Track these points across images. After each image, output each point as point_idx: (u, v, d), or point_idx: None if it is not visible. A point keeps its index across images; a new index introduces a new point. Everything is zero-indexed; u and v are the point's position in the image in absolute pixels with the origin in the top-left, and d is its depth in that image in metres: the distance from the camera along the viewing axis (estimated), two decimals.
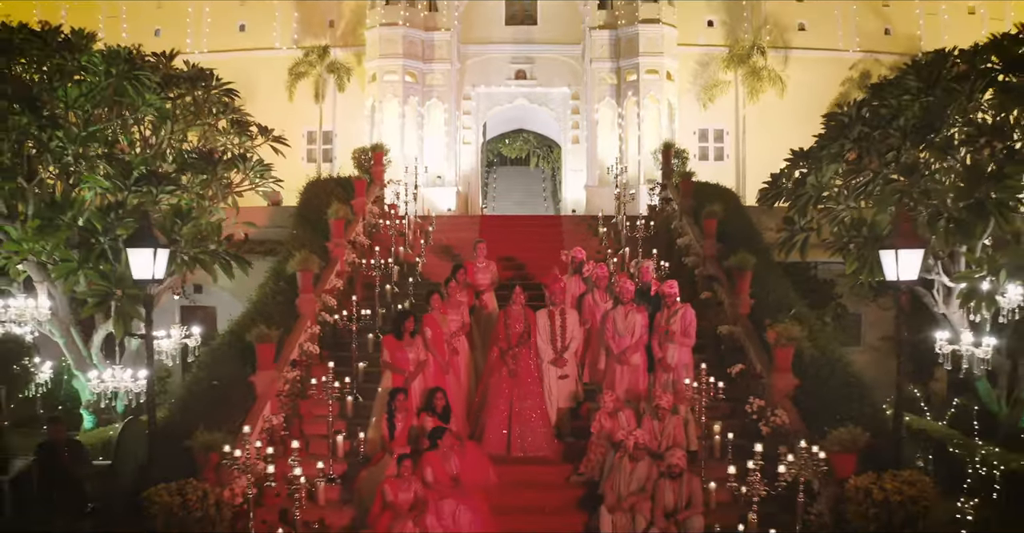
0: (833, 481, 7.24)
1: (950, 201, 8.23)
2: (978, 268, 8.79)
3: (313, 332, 10.36)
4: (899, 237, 7.04)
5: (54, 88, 9.87)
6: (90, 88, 10.16)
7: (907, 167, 8.56)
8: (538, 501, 8.53)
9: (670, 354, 9.06)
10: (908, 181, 8.51)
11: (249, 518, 7.11)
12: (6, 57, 10.15)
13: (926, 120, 8.62)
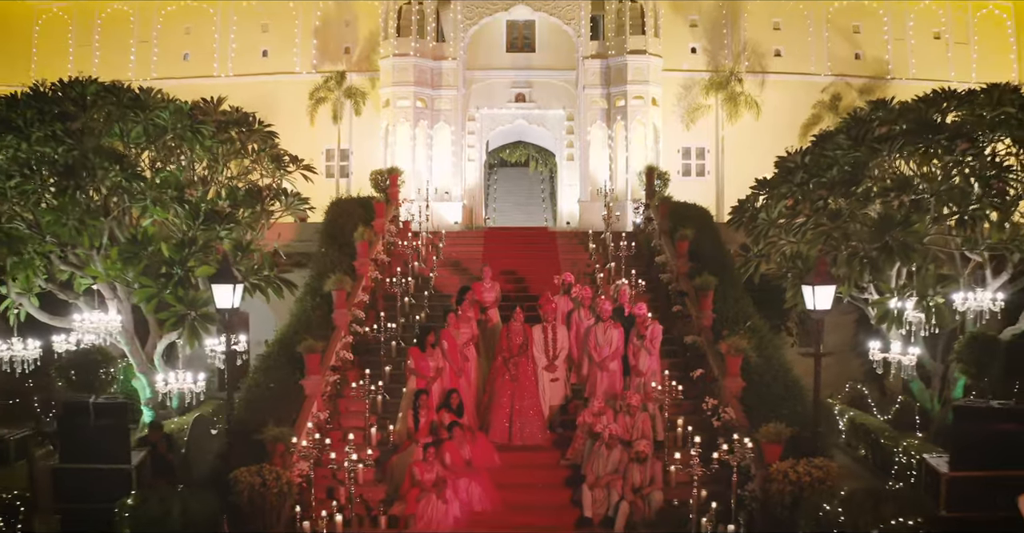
0: (763, 465, 9.31)
1: (865, 243, 10.25)
2: (888, 295, 10.81)
3: (347, 341, 12.42)
4: (816, 276, 9.08)
5: (129, 140, 11.82)
6: (156, 136, 12.13)
7: (833, 213, 10.57)
8: (533, 479, 10.63)
9: (641, 362, 11.12)
10: (833, 225, 10.52)
11: (311, 494, 9.17)
12: (85, 113, 12.07)
13: (852, 173, 10.61)
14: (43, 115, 11.90)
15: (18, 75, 24.54)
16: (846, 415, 14.35)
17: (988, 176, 9.93)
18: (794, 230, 11.05)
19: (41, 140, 11.09)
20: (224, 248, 11.01)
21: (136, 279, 11.19)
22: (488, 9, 21.55)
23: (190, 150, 12.53)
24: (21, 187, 10.62)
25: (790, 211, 11.15)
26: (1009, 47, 24.34)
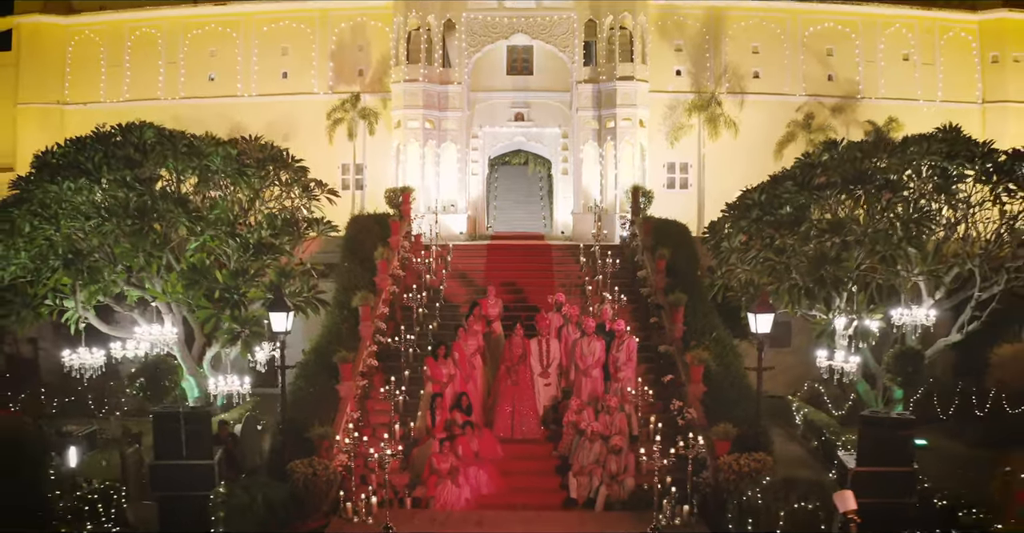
0: (714, 458, 11.53)
1: (804, 276, 12.41)
2: (823, 318, 13.03)
3: (372, 350, 14.61)
4: (759, 305, 11.26)
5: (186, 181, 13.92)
6: (209, 178, 14.24)
7: (778, 249, 12.68)
8: (530, 467, 12.86)
9: (619, 370, 13.32)
10: (778, 259, 12.65)
11: (350, 481, 11.40)
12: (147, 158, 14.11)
13: (796, 215, 12.74)
14: (109, 159, 13.99)
15: (53, 93, 26.69)
16: (802, 411, 16.58)
17: (909, 221, 12.06)
18: (748, 261, 13.18)
19: (113, 185, 13.16)
20: (271, 275, 13.16)
21: (197, 301, 13.38)
22: (490, 37, 23.55)
23: (235, 186, 14.60)
24: (101, 228, 12.74)
25: (744, 245, 13.28)
26: (973, 67, 26.31)
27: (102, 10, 26.23)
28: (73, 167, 13.83)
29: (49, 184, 13.25)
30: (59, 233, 12.87)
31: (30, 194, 13.49)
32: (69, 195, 13.01)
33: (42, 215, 12.90)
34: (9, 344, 22.03)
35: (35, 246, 12.98)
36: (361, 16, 25.00)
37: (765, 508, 9.25)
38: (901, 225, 12.09)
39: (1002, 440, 16.76)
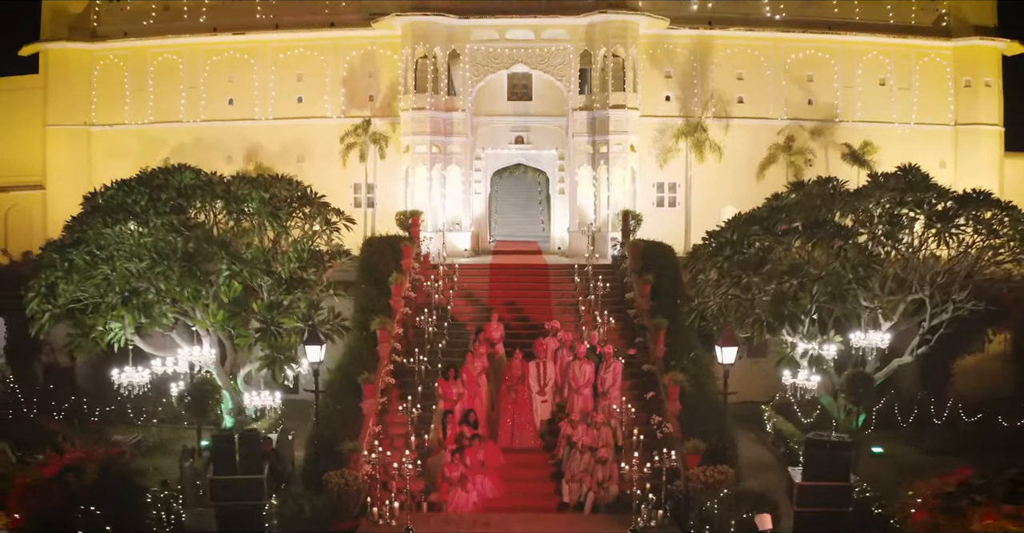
0: (686, 469, 13.44)
1: (766, 312, 14.29)
2: (783, 347, 14.99)
3: (388, 369, 16.49)
4: (723, 339, 13.13)
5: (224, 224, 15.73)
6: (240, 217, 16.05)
7: (744, 287, 14.55)
8: (528, 474, 14.78)
9: (607, 389, 15.22)
10: (744, 296, 14.50)
11: (375, 488, 13.32)
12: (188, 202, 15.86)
13: (761, 257, 14.58)
14: (154, 202, 15.74)
15: (80, 115, 28.37)
16: (772, 421, 18.51)
17: (858, 264, 13.94)
18: (719, 296, 15.04)
19: (161, 228, 14.96)
20: (301, 307, 15.03)
21: (237, 330, 15.23)
22: (492, 67, 25.28)
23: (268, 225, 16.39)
24: (154, 269, 14.56)
25: (716, 281, 15.15)
26: (947, 90, 28.02)
27: (125, 37, 27.82)
28: (122, 210, 15.61)
29: (103, 227, 15.06)
30: (115, 272, 14.70)
31: (85, 235, 15.30)
32: (122, 238, 14.82)
33: (99, 256, 14.73)
34: (47, 354, 23.86)
35: (92, 283, 14.82)
36: (371, 45, 26.69)
37: (720, 517, 11.15)
38: (851, 268, 13.94)
39: (955, 447, 18.79)
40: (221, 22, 27.17)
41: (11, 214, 29.08)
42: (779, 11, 26.88)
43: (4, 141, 29.27)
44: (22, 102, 28.89)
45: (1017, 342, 23.77)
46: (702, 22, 26.39)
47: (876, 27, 27.21)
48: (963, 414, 20.56)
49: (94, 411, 20.54)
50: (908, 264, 15.51)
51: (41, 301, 15.20)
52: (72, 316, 15.52)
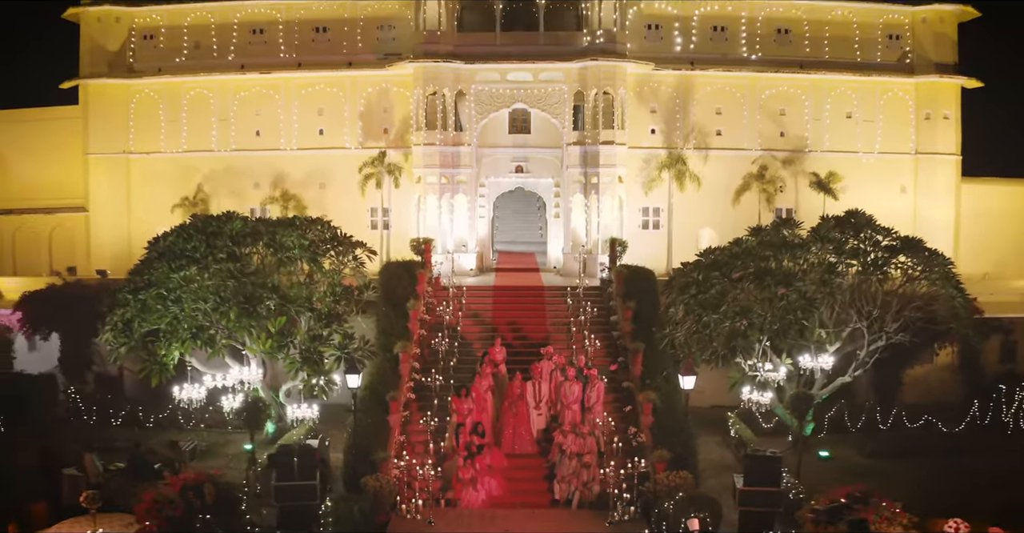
0: (654, 473, 16.46)
1: (721, 346, 17.30)
2: (737, 373, 18.04)
3: (409, 385, 19.49)
4: (684, 369, 16.14)
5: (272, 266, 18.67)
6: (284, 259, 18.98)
7: (704, 324, 17.54)
8: (526, 475, 17.85)
9: (591, 405, 18.25)
10: (704, 333, 17.49)
11: (403, 488, 16.36)
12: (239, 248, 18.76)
13: (719, 298, 17.55)
14: (211, 249, 18.61)
15: (118, 144, 31.15)
16: (735, 427, 21.54)
17: (797, 308, 16.94)
18: (684, 331, 18.04)
19: (219, 273, 17.83)
20: (338, 338, 18.00)
21: (285, 358, 18.25)
22: (495, 106, 28.11)
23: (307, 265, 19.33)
24: (218, 309, 17.51)
25: (682, 318, 18.15)
26: (909, 122, 30.83)
27: (160, 73, 30.55)
28: (184, 256, 18.51)
29: (169, 271, 17.96)
30: (184, 312, 17.64)
31: (154, 278, 18.20)
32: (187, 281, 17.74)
33: (168, 298, 17.68)
34: (98, 364, 26.78)
35: (164, 321, 17.77)
36: (385, 83, 29.47)
37: (674, 515, 14.17)
38: (791, 310, 16.93)
39: (895, 451, 21.84)
40: (248, 60, 29.94)
41: (55, 234, 32.00)
42: (755, 51, 29.63)
43: (47, 166, 32.11)
44: (63, 131, 31.68)
45: (963, 353, 26.77)
46: (684, 62, 29.17)
47: (844, 65, 29.97)
48: (906, 420, 23.65)
49: (148, 418, 23.54)
50: (846, 301, 18.45)
51: (118, 335, 18.16)
52: (144, 347, 18.51)
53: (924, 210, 30.40)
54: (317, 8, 29.57)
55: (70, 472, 17.86)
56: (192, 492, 12.42)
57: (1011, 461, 20.85)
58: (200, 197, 29.93)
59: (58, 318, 26.23)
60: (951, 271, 19.37)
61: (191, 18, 30.29)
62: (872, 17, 30.07)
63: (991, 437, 23.33)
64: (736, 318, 17.04)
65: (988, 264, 30.98)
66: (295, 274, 19.11)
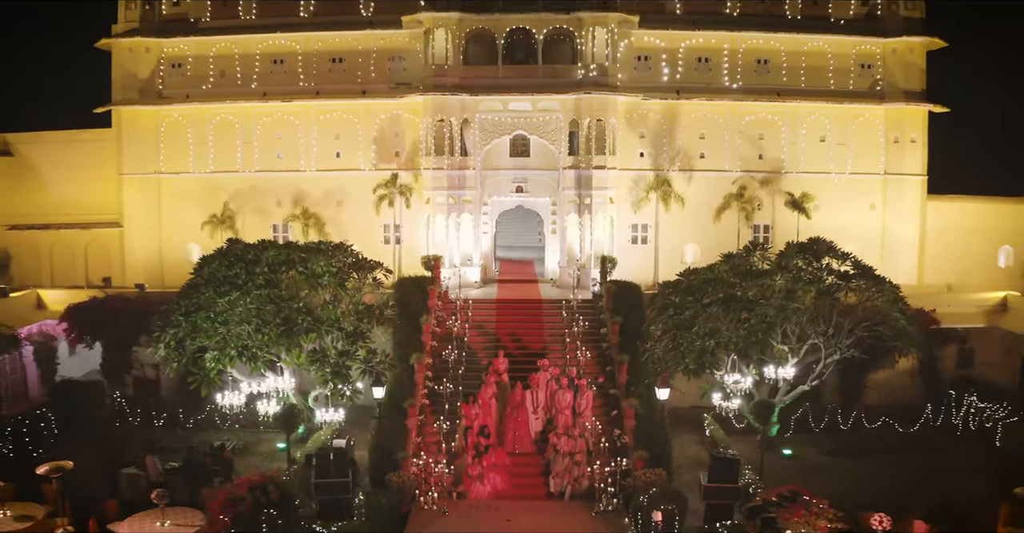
0: (634, 470, 19.23)
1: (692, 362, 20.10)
2: (707, 384, 20.84)
3: (424, 392, 22.26)
4: (660, 382, 18.89)
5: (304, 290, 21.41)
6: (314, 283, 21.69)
7: (678, 343, 20.29)
8: (525, 471, 20.67)
9: (581, 411, 21.03)
10: (678, 351, 20.27)
11: (421, 484, 19.15)
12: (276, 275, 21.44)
13: (691, 321, 20.30)
14: (251, 276, 21.28)
15: (150, 165, 33.71)
16: (710, 427, 24.32)
17: (757, 330, 19.66)
18: (661, 347, 20.83)
19: (259, 298, 20.49)
20: (363, 354, 20.73)
21: (317, 371, 20.98)
22: (497, 133, 30.74)
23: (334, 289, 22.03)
24: (260, 330, 20.24)
25: (660, 336, 20.93)
26: (879, 145, 33.36)
27: (188, 99, 33.05)
28: (227, 282, 21.20)
29: (216, 296, 20.66)
30: (230, 333, 20.36)
31: (202, 302, 20.88)
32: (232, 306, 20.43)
33: (216, 320, 20.39)
34: (136, 369, 29.49)
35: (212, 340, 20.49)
36: (397, 110, 32.05)
37: (647, 507, 16.94)
38: (753, 332, 19.70)
39: (853, 450, 24.62)
40: (270, 88, 32.48)
41: (90, 247, 34.54)
42: (736, 81, 32.19)
43: (82, 185, 34.62)
44: (98, 152, 34.17)
45: (922, 360, 29.50)
46: (671, 91, 31.74)
47: (819, 93, 32.49)
48: (865, 421, 26.42)
49: (188, 420, 26.25)
50: (803, 322, 21.14)
51: (171, 352, 20.88)
52: (193, 362, 21.23)
53: (892, 226, 33.06)
54: (333, 40, 32.06)
55: (130, 471, 20.69)
56: (259, 490, 15.15)
57: (953, 460, 23.71)
58: (227, 214, 32.54)
59: (101, 328, 28.89)
60: (898, 295, 22.10)
61: (216, 49, 32.80)
62: (845, 48, 32.56)
63: (941, 437, 26.19)
64: (706, 338, 19.81)
65: (952, 275, 33.65)
66: (323, 294, 21.79)
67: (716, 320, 19.95)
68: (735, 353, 20.34)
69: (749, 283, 20.77)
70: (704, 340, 19.83)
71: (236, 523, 14.64)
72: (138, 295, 30.17)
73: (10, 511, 17.48)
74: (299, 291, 21.62)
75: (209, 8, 32.81)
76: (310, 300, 21.48)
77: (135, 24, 32.84)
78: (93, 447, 22.60)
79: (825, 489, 19.66)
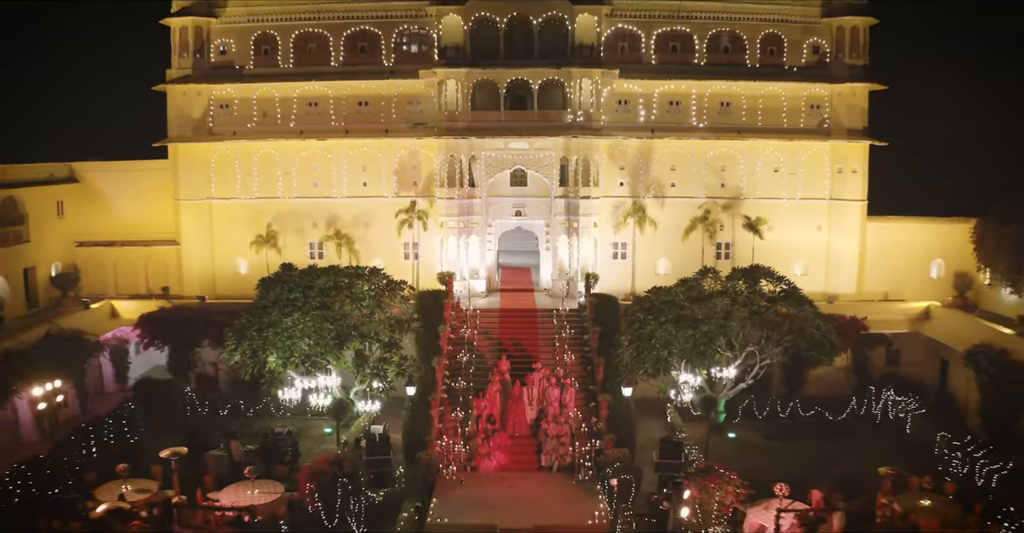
0: (606, 449, 25.13)
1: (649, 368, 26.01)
2: (662, 384, 26.77)
3: (443, 388, 28.13)
4: (624, 382, 24.84)
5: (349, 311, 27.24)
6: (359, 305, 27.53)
7: (639, 352, 26.13)
8: (522, 450, 26.65)
9: (567, 403, 26.95)
10: (640, 359, 26.17)
11: (443, 460, 25.10)
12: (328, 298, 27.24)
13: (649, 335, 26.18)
14: (308, 299, 27.05)
15: (202, 192, 39.35)
16: (670, 414, 30.22)
17: (700, 343, 25.51)
18: (627, 355, 26.72)
19: (316, 318, 26.23)
20: (396, 359, 26.57)
21: (360, 373, 26.80)
22: (499, 168, 36.43)
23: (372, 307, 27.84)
24: (318, 344, 26.02)
25: (627, 347, 26.83)
26: (825, 174, 38.90)
27: (234, 136, 38.54)
28: (289, 304, 26.95)
29: (282, 316, 26.43)
30: (295, 345, 26.15)
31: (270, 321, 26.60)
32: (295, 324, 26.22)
33: (282, 336, 26.17)
34: (198, 367, 35.36)
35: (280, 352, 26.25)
36: (414, 146, 37.69)
37: (610, 477, 22.87)
38: (696, 345, 25.61)
39: (788, 434, 30.56)
40: (306, 127, 38.08)
41: (149, 261, 40.06)
42: (702, 121, 37.79)
43: (143, 207, 40.15)
44: (156, 180, 39.67)
45: (855, 358, 35.39)
46: (647, 131, 37.34)
47: (773, 130, 38.05)
48: (801, 410, 32.30)
49: (248, 410, 32.13)
50: (740, 335, 26.91)
51: (246, 360, 26.65)
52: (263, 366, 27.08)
53: (836, 244, 38.77)
54: (360, 87, 37.58)
55: (215, 453, 26.55)
56: (336, 465, 21.01)
57: (866, 444, 29.62)
58: (270, 234, 38.22)
59: (168, 333, 34.75)
60: (816, 312, 27.90)
61: (259, 93, 38.30)
62: (798, 92, 38.05)
63: (862, 425, 32.14)
64: (660, 348, 25.71)
65: (889, 285, 39.33)
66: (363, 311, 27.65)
67: (669, 334, 25.83)
68: (685, 360, 26.20)
69: (697, 306, 26.58)
70: (659, 350, 25.74)
71: (319, 489, 20.52)
72: (199, 306, 35.99)
73: (131, 486, 23.29)
74: (344, 308, 27.41)
75: (252, 57, 38.29)
76: (352, 315, 27.29)
77: (188, 70, 38.27)
78: (176, 434, 28.42)
79: (756, 465, 25.72)
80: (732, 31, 37.69)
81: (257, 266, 38.06)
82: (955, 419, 31.31)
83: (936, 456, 27.65)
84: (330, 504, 20.65)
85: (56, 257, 39.02)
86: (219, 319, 33.33)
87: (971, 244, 37.30)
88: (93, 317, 35.49)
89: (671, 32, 37.54)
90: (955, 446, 27.12)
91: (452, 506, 22.82)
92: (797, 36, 38.04)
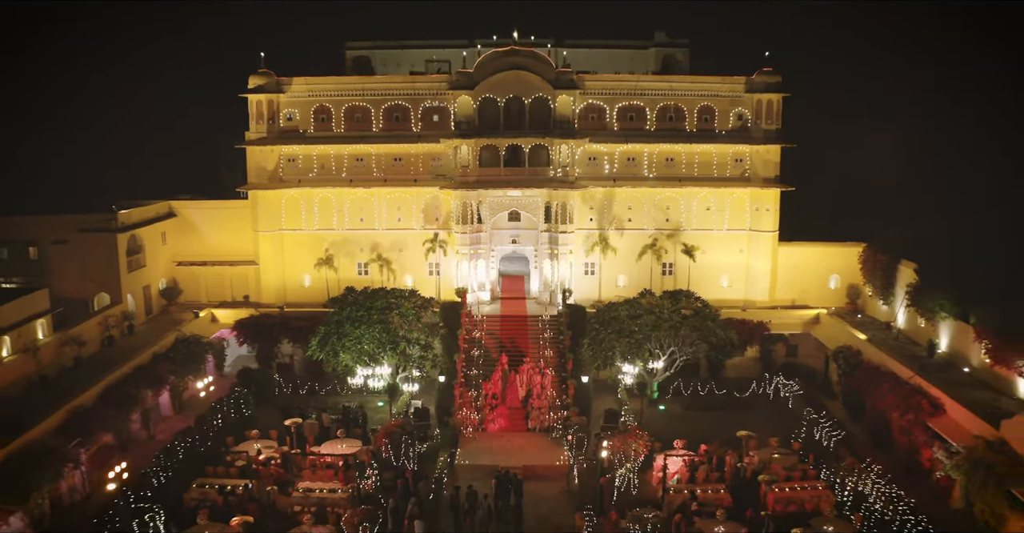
0: (571, 416, 38.02)
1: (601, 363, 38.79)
2: (611, 374, 39.62)
3: (461, 375, 40.96)
4: (584, 371, 37.62)
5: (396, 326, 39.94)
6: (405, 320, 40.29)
7: (594, 351, 38.79)
8: (516, 416, 39.59)
9: (546, 386, 39.85)
10: (599, 358, 38.85)
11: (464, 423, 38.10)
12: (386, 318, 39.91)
13: (601, 341, 38.83)
14: (369, 316, 39.68)
15: (275, 225, 51.82)
16: (622, 394, 43.11)
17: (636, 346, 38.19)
18: (587, 353, 39.39)
19: (377, 330, 38.80)
20: (430, 358, 39.28)
21: (406, 365, 39.50)
22: (500, 209, 48.93)
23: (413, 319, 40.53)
24: (383, 348, 38.58)
25: (587, 348, 39.57)
26: (745, 212, 51.23)
27: (299, 184, 50.79)
28: (357, 319, 39.66)
29: (353, 329, 39.07)
30: (362, 348, 38.79)
31: (344, 331, 39.26)
32: (361, 334, 38.86)
33: (354, 342, 38.83)
34: (279, 358, 48.34)
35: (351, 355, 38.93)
36: (436, 193, 50.07)
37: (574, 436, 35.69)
38: (628, 348, 38.35)
39: (703, 407, 43.64)
40: (354, 177, 50.40)
41: (233, 278, 52.56)
42: (652, 172, 50.13)
43: (228, 236, 52.55)
44: (239, 216, 52.01)
45: (762, 351, 48.41)
46: (610, 180, 49.70)
47: (706, 179, 50.32)
48: (715, 389, 45.19)
49: (321, 390, 45.09)
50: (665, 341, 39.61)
51: (329, 358, 39.45)
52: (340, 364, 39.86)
53: (753, 263, 51.36)
54: (395, 147, 49.80)
55: (309, 421, 39.42)
56: (401, 428, 33.90)
57: (757, 414, 42.45)
58: (328, 256, 50.73)
59: (257, 333, 47.72)
60: (719, 324, 40.70)
61: (317, 151, 50.52)
62: (725, 150, 50.20)
63: (760, 402, 44.98)
64: (608, 350, 38.59)
65: (796, 294, 51.91)
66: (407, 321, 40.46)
67: (613, 340, 38.71)
68: (624, 358, 39.10)
69: (633, 321, 39.36)
70: (607, 351, 38.64)
71: (391, 444, 33.47)
72: (279, 313, 48.80)
73: (259, 445, 36.27)
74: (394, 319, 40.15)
75: (312, 124, 50.42)
76: (400, 325, 40.04)
77: (263, 134, 50.39)
78: (273, 409, 41.43)
79: (674, 428, 38.74)
80: (675, 104, 49.80)
81: (318, 280, 50.76)
82: (829, 397, 44.14)
83: (802, 424, 40.62)
84: (396, 452, 33.61)
85: (162, 275, 51.57)
86: (293, 323, 46.56)
87: (859, 264, 49.87)
88: (200, 323, 48.26)
89: (629, 106, 49.69)
90: (814, 418, 39.97)
91: (470, 453, 35.82)
92: (726, 107, 50.11)
